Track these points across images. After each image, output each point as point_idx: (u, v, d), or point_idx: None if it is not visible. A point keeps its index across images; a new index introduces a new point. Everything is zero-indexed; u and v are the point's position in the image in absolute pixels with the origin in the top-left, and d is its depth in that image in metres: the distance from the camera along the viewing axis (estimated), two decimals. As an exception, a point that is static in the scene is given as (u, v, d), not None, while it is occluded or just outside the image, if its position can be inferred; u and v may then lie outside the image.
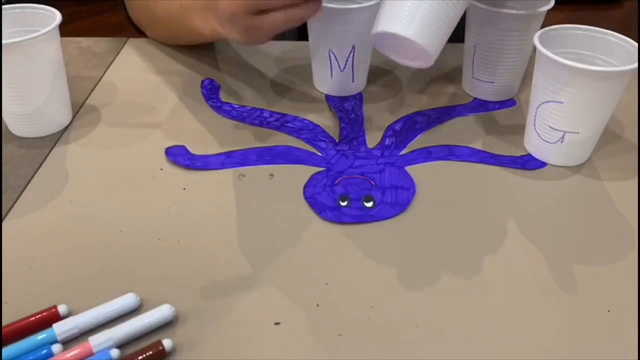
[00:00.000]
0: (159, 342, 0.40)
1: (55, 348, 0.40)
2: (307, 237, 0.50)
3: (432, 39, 0.52)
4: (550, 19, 0.63)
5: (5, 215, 0.52)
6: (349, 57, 0.64)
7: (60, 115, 0.62)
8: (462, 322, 0.43)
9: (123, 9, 0.79)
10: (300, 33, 0.76)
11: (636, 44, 0.55)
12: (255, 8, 0.52)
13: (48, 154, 0.59)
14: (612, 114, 0.56)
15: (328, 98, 0.68)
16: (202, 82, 0.70)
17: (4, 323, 0.42)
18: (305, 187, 0.55)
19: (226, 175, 0.56)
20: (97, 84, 0.70)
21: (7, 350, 0.40)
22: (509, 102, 0.68)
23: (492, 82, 0.66)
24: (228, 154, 0.59)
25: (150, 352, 0.40)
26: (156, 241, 0.49)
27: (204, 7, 0.61)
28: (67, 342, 0.41)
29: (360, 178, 0.56)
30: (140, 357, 0.40)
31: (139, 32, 0.80)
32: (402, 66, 0.72)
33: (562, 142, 0.56)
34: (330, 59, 0.65)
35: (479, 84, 0.67)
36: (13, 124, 0.61)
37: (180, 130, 0.62)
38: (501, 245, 0.49)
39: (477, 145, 0.61)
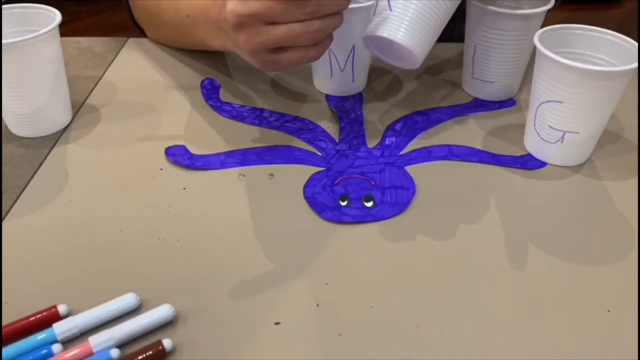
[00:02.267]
0: (159, 342, 0.40)
1: (55, 348, 0.40)
2: (307, 237, 0.50)
3: (420, 43, 0.55)
4: (550, 19, 0.63)
5: (5, 215, 0.52)
6: (349, 57, 0.64)
7: (60, 115, 0.62)
8: (462, 322, 0.43)
9: (126, 9, 0.79)
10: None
11: (636, 44, 0.55)
12: (274, 46, 0.53)
13: (48, 154, 0.59)
14: (612, 114, 0.56)
15: (328, 98, 0.68)
16: (202, 82, 0.70)
17: (4, 323, 0.42)
18: (305, 187, 0.55)
19: (226, 175, 0.56)
20: (97, 83, 0.70)
21: (7, 350, 0.40)
22: (509, 102, 0.68)
23: (492, 82, 0.66)
24: (228, 154, 0.59)
25: (150, 352, 0.40)
26: (156, 241, 0.49)
27: (214, 23, 0.60)
28: (67, 342, 0.41)
29: (360, 178, 0.56)
30: (140, 357, 0.40)
31: (142, 33, 0.80)
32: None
33: (562, 142, 0.56)
34: (330, 59, 0.65)
35: (479, 84, 0.67)
36: (13, 124, 0.61)
37: (180, 130, 0.62)
38: (501, 245, 0.49)
39: (477, 145, 0.61)
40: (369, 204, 0.53)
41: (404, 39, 0.54)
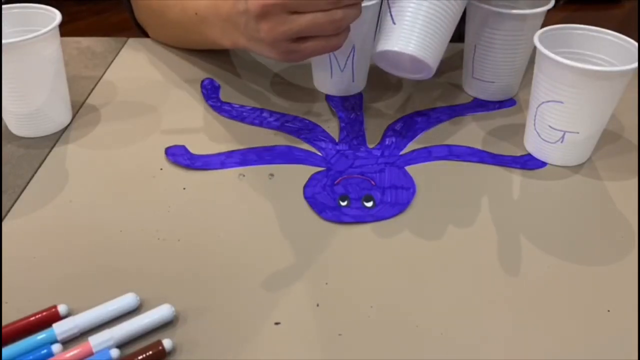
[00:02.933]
0: (159, 342, 0.40)
1: (55, 348, 0.40)
2: (307, 237, 0.50)
3: (432, 52, 0.55)
4: (550, 19, 0.63)
5: (5, 215, 0.52)
6: (349, 57, 0.64)
7: (60, 115, 0.62)
8: (462, 322, 0.43)
9: (128, 8, 0.79)
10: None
11: (636, 44, 0.55)
12: (297, 35, 0.54)
13: (48, 154, 0.59)
14: (612, 114, 0.56)
15: (328, 98, 0.68)
16: (202, 82, 0.70)
17: (4, 323, 0.42)
18: (305, 187, 0.55)
19: (226, 175, 0.56)
20: (97, 83, 0.70)
21: (7, 350, 0.40)
22: (509, 102, 0.68)
23: (492, 82, 0.66)
24: (228, 154, 0.59)
25: (150, 352, 0.40)
26: (156, 241, 0.49)
27: (225, 20, 0.60)
28: (67, 342, 0.41)
29: (360, 178, 0.56)
30: (140, 357, 0.40)
31: (143, 33, 0.80)
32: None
33: (562, 142, 0.56)
34: (330, 59, 0.65)
35: (479, 84, 0.67)
36: (13, 124, 0.61)
37: (180, 130, 0.62)
38: (501, 245, 0.49)
39: (477, 145, 0.61)
40: (369, 204, 0.53)
41: (416, 50, 0.54)
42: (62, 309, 0.43)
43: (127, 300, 0.43)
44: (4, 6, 0.59)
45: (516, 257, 0.48)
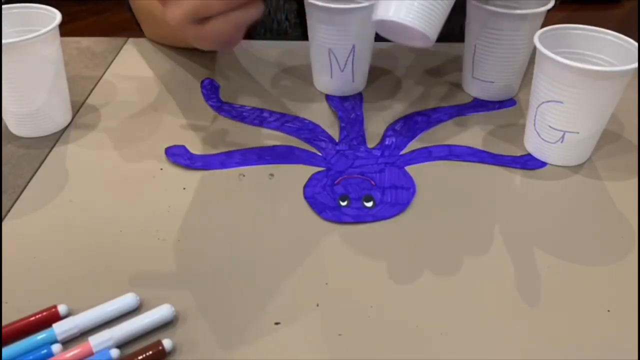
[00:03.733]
0: (159, 342, 0.40)
1: (55, 348, 0.40)
2: (307, 237, 0.50)
3: (430, 23, 0.52)
4: (550, 19, 0.63)
5: (5, 215, 0.52)
6: (349, 57, 0.64)
7: (60, 115, 0.62)
8: (462, 322, 0.43)
9: (128, 8, 0.79)
10: (305, 33, 0.76)
11: (636, 44, 0.55)
12: (195, 17, 0.51)
13: (48, 154, 0.59)
14: (612, 113, 0.56)
15: (328, 98, 0.68)
16: (202, 82, 0.70)
17: (4, 323, 0.42)
18: (305, 187, 0.55)
19: (226, 175, 0.56)
20: (97, 83, 0.70)
21: (7, 350, 0.40)
22: (509, 102, 0.68)
23: (492, 82, 0.66)
24: (228, 154, 0.59)
25: (150, 352, 0.40)
26: (156, 241, 0.49)
27: None
28: (67, 342, 0.41)
29: (360, 178, 0.56)
30: (140, 357, 0.40)
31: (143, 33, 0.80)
32: (402, 66, 0.72)
33: (562, 142, 0.56)
34: (330, 59, 0.65)
35: (479, 84, 0.67)
36: (13, 124, 0.61)
37: (180, 130, 0.62)
38: (501, 245, 0.49)
39: (477, 145, 0.61)
40: (369, 204, 0.53)
41: (414, 21, 0.52)
42: (62, 309, 0.43)
43: (127, 300, 0.43)
44: (4, 6, 0.59)
45: (516, 257, 0.48)
